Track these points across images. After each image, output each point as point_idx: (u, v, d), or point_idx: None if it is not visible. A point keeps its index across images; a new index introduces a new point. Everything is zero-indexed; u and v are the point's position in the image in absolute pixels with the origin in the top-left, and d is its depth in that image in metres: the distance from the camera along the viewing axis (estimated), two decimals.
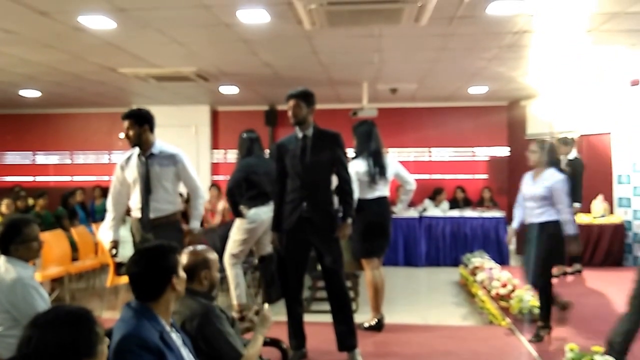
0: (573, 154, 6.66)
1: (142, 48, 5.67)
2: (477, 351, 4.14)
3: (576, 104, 8.33)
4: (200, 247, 2.76)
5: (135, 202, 4.10)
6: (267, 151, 5.36)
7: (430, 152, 10.08)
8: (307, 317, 4.25)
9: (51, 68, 6.55)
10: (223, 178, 9.77)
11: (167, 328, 2.16)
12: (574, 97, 8.27)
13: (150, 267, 2.15)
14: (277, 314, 4.74)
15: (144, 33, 5.06)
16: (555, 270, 6.56)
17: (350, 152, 4.82)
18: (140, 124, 3.99)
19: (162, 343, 2.07)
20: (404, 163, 5.46)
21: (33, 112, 10.30)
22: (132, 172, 4.07)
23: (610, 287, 6.24)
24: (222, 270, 5.03)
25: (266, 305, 2.89)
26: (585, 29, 5.00)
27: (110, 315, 5.20)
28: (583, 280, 6.60)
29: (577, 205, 6.47)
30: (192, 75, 6.80)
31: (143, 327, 2.06)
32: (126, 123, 3.98)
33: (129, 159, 4.13)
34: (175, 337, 2.20)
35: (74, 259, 6.46)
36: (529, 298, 4.84)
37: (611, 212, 7.78)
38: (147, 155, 4.03)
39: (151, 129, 4.04)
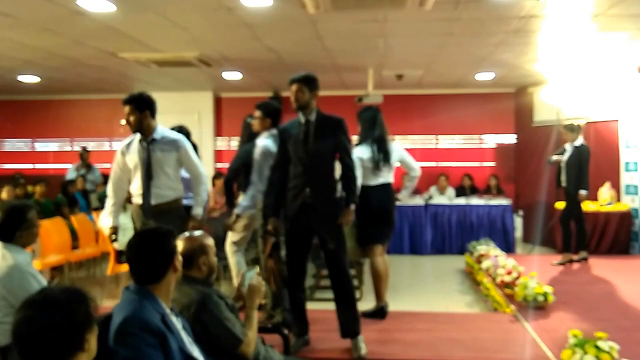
0: (579, 140, 6.59)
1: (142, 32, 5.59)
2: (481, 338, 4.10)
3: (584, 91, 8.22)
4: (196, 232, 2.71)
5: (136, 188, 4.05)
6: None
7: (437, 139, 9.99)
8: (311, 305, 4.22)
9: (50, 53, 6.48)
10: (227, 165, 9.69)
11: (168, 311, 2.13)
12: (582, 84, 8.16)
13: (153, 249, 2.13)
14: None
15: (144, 16, 4.98)
16: (561, 258, 6.54)
17: (354, 138, 4.76)
18: (141, 109, 3.92)
19: (164, 325, 2.05)
20: (410, 150, 5.40)
21: (32, 98, 10.23)
22: (133, 158, 4.01)
23: (616, 275, 6.19)
24: (224, 258, 5.00)
25: (252, 272, 2.79)
26: (592, 14, 4.90)
27: (110, 304, 5.16)
28: (589, 268, 6.54)
29: (583, 192, 6.50)
30: (194, 60, 6.72)
31: (145, 309, 2.04)
32: (127, 108, 3.91)
33: (129, 144, 4.07)
34: (176, 321, 2.17)
35: (74, 247, 6.44)
36: (534, 285, 4.79)
37: (618, 199, 7.70)
38: (149, 141, 3.97)
39: (152, 114, 3.98)
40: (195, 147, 4.62)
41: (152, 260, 2.12)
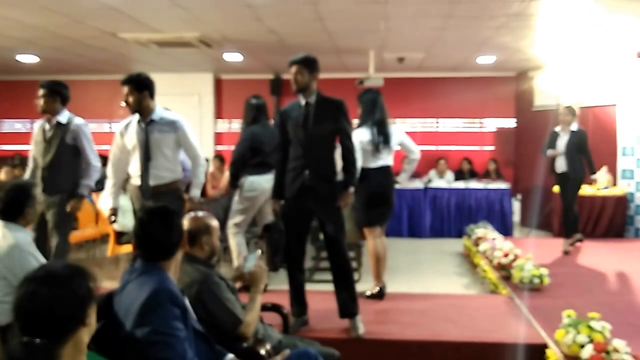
0: (575, 125, 6.44)
1: (143, 12, 5.57)
2: (477, 319, 4.17)
3: (582, 76, 8.21)
4: (201, 213, 2.74)
5: (134, 169, 4.07)
6: (272, 121, 5.30)
7: (437, 122, 9.99)
8: (310, 286, 4.27)
9: (49, 32, 6.44)
10: (227, 148, 9.71)
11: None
12: (580, 68, 8.15)
13: (167, 225, 2.15)
14: (280, 282, 4.80)
15: None
16: (569, 241, 6.59)
17: (354, 121, 4.78)
18: (140, 89, 3.93)
19: (182, 301, 2.07)
20: (410, 134, 5.42)
21: (31, 78, 10.16)
22: (132, 139, 4.03)
23: (610, 258, 6.28)
24: (224, 240, 5.05)
25: (254, 256, 2.82)
26: None
27: (110, 285, 5.20)
28: (584, 251, 6.61)
29: (595, 176, 6.61)
30: (194, 41, 6.69)
31: (169, 282, 2.06)
32: (125, 89, 3.92)
33: (128, 125, 4.09)
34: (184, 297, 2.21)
35: (74, 228, 6.45)
36: (530, 267, 4.86)
37: (614, 183, 7.74)
38: (147, 122, 3.98)
39: (151, 95, 3.99)
40: None
41: (167, 235, 2.14)
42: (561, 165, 6.42)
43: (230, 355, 2.29)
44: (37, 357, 1.40)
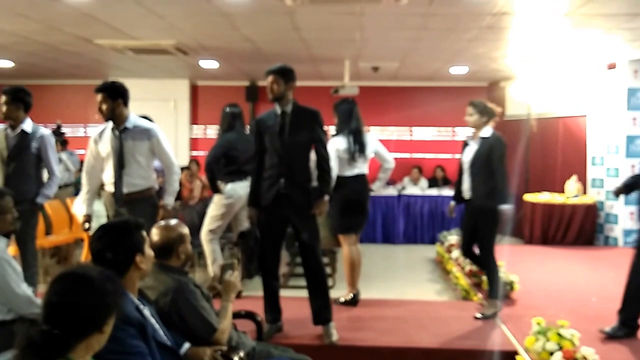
0: (488, 130, 4.52)
1: (118, 19, 5.55)
2: (450, 325, 4.24)
3: (553, 87, 8.41)
4: (172, 221, 2.74)
5: (108, 177, 4.07)
6: (248, 127, 5.34)
7: (411, 131, 10.12)
8: (285, 292, 4.30)
9: (24, 38, 6.38)
10: (202, 154, 9.69)
11: (137, 301, 2.17)
12: (552, 79, 8.35)
13: (112, 245, 2.11)
14: (254, 288, 4.81)
15: (120, 4, 4.94)
16: (485, 309, 4.57)
17: (331, 129, 4.85)
18: (114, 97, 3.93)
19: (140, 315, 2.09)
20: (385, 142, 5.50)
21: (5, 82, 10.01)
22: (106, 146, 4.03)
23: (580, 266, 6.42)
24: (199, 245, 5.05)
25: (229, 270, 2.87)
26: (563, 12, 5.04)
27: None
28: (555, 258, 6.75)
29: (505, 208, 4.37)
30: (171, 48, 6.69)
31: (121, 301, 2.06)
32: (99, 97, 3.93)
33: (102, 132, 4.09)
34: (145, 310, 2.21)
35: (48, 232, 6.38)
36: (501, 274, 4.95)
37: (584, 192, 7.94)
38: (121, 130, 3.99)
39: (125, 103, 3.99)
40: None
41: (113, 255, 2.09)
42: (466, 189, 4.54)
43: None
44: (52, 346, 1.49)
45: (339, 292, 4.95)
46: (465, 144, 4.62)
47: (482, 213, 4.38)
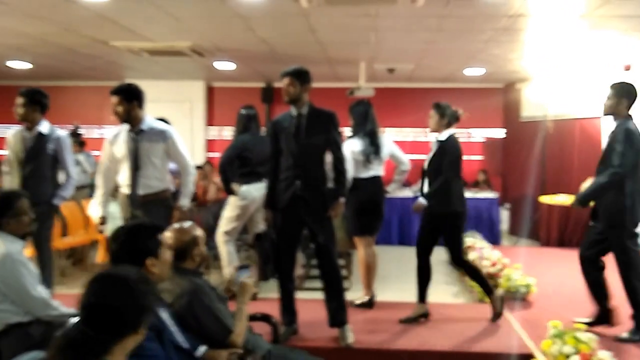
0: (447, 132, 4.81)
1: (135, 21, 5.60)
2: (466, 328, 4.21)
3: (569, 88, 8.32)
4: (185, 224, 2.75)
5: (124, 179, 4.10)
6: (263, 129, 5.35)
7: (427, 132, 10.06)
8: (301, 295, 4.30)
9: (41, 40, 6.45)
10: (218, 155, 9.70)
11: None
12: (568, 81, 8.26)
13: (124, 247, 2.13)
14: (270, 290, 4.82)
15: (136, 5, 4.98)
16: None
17: (346, 131, 4.84)
18: (129, 100, 3.96)
19: (156, 318, 2.09)
20: (401, 143, 5.48)
21: (23, 83, 10.11)
22: (121, 148, 4.06)
23: None
24: (214, 247, 5.06)
25: (245, 273, 2.87)
26: (580, 14, 4.99)
27: None
28: (572, 261, 6.65)
29: (420, 203, 4.40)
30: (186, 50, 6.72)
31: None
32: (114, 99, 3.96)
33: (117, 135, 4.12)
34: (161, 312, 2.22)
35: (63, 234, 6.43)
36: (517, 277, 4.92)
37: None
38: (137, 132, 4.01)
39: (140, 105, 4.02)
40: None
41: (124, 257, 2.11)
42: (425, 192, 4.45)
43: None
44: (90, 347, 1.50)
45: (355, 294, 4.94)
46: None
47: (438, 217, 4.32)
